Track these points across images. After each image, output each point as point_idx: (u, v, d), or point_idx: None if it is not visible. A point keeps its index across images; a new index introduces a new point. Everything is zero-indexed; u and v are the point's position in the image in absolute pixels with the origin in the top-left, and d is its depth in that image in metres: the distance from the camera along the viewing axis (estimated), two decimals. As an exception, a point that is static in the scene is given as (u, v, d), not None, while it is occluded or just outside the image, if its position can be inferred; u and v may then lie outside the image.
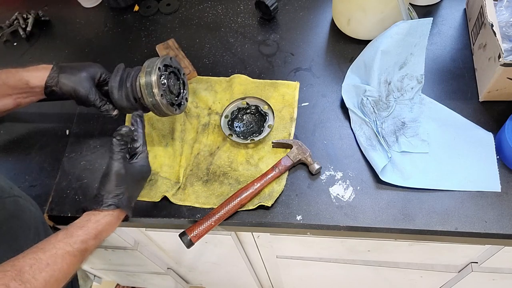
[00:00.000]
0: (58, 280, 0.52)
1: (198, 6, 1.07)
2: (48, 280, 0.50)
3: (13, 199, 0.64)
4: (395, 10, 0.82)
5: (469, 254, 0.87)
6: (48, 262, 0.52)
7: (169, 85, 0.74)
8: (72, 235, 0.57)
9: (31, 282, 0.49)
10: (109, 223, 0.62)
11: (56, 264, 0.52)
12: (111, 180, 0.62)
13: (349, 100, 0.81)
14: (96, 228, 0.60)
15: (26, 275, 0.49)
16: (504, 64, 0.70)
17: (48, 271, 0.51)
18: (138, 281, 1.47)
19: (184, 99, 0.78)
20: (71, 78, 0.72)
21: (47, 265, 0.51)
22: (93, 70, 0.74)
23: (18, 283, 0.47)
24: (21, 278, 0.48)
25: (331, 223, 0.71)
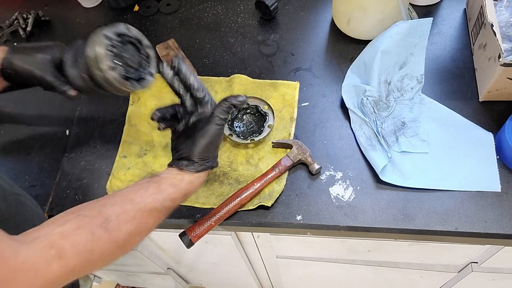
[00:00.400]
0: (141, 233, 0.53)
1: (198, 6, 1.07)
2: (131, 232, 0.51)
3: (14, 197, 0.64)
4: (395, 10, 0.82)
5: (469, 254, 0.87)
6: (135, 215, 0.52)
7: (124, 57, 0.64)
8: (163, 192, 0.56)
9: (115, 231, 0.49)
10: (200, 184, 0.63)
11: (142, 218, 0.53)
12: (211, 144, 0.62)
13: (349, 100, 0.81)
14: (188, 189, 0.60)
15: (112, 224, 0.49)
16: (504, 64, 0.70)
17: (133, 224, 0.51)
18: (138, 281, 1.47)
19: (146, 73, 0.68)
20: (26, 59, 0.66)
21: (133, 218, 0.51)
22: (52, 50, 0.68)
23: (103, 231, 0.48)
24: (107, 226, 0.48)
25: (331, 223, 0.71)
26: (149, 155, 0.82)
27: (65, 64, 0.66)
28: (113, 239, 0.49)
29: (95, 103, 0.91)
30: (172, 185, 0.59)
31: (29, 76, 0.67)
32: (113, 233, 0.49)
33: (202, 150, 0.61)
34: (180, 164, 0.61)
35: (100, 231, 0.47)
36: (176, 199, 0.59)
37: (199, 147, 0.61)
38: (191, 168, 0.61)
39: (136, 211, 0.52)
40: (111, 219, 0.49)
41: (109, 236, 0.48)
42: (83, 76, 0.65)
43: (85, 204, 0.52)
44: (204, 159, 0.62)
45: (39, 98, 0.93)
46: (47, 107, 0.92)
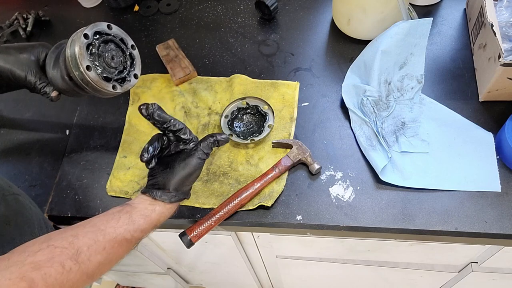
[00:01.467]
0: (111, 263, 0.53)
1: (198, 6, 1.07)
2: (101, 262, 0.51)
3: (13, 197, 0.64)
4: (395, 10, 0.82)
5: (469, 254, 0.87)
6: (106, 246, 0.52)
7: (104, 57, 0.63)
8: (134, 223, 0.57)
9: (85, 263, 0.49)
10: (170, 214, 0.63)
11: (113, 248, 0.53)
12: (190, 176, 0.62)
13: (349, 100, 0.81)
14: (158, 220, 0.60)
15: (83, 256, 0.49)
16: (504, 64, 0.70)
17: (104, 255, 0.52)
18: (138, 281, 1.47)
19: (130, 75, 0.67)
20: (8, 59, 0.65)
21: (104, 249, 0.52)
22: (36, 50, 0.67)
23: (73, 263, 0.48)
24: (77, 258, 0.49)
25: (331, 223, 0.71)
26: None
27: (47, 64, 0.65)
28: (83, 270, 0.49)
29: (95, 103, 0.91)
30: (144, 216, 0.58)
31: (11, 76, 0.66)
32: (83, 265, 0.49)
33: (180, 181, 0.62)
34: (154, 193, 0.61)
35: (71, 263, 0.48)
36: (146, 230, 0.59)
37: (177, 178, 0.61)
38: (164, 198, 0.61)
39: (107, 242, 0.53)
40: (82, 251, 0.50)
41: (80, 268, 0.48)
42: (64, 77, 0.63)
43: (57, 232, 0.52)
44: (179, 191, 0.62)
45: (39, 98, 0.92)
46: (47, 107, 0.92)
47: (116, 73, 0.65)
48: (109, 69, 0.64)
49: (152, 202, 0.61)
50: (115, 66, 0.65)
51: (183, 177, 0.62)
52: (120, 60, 0.66)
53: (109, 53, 0.63)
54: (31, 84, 0.66)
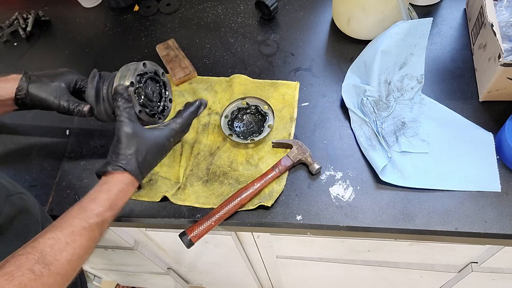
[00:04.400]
0: (81, 257, 0.52)
1: (198, 6, 1.07)
2: (70, 259, 0.50)
3: (17, 195, 0.64)
4: (395, 10, 0.82)
5: (469, 254, 0.87)
6: (67, 241, 0.51)
7: (147, 94, 0.68)
8: (86, 210, 0.56)
9: (54, 264, 0.48)
10: (121, 191, 0.60)
11: (75, 241, 0.52)
12: (118, 141, 0.61)
13: (349, 100, 0.81)
14: (108, 199, 0.58)
15: (48, 257, 0.48)
16: (504, 64, 0.70)
17: (69, 250, 0.51)
18: (138, 281, 1.47)
19: (167, 101, 0.73)
20: (41, 88, 0.69)
21: (67, 244, 0.51)
22: (66, 77, 0.71)
23: (42, 266, 0.47)
24: (44, 260, 0.48)
25: (331, 223, 0.71)
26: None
27: (87, 96, 0.69)
28: (54, 271, 0.48)
29: (95, 103, 0.91)
30: (92, 200, 0.57)
31: (45, 104, 0.70)
32: (52, 266, 0.48)
33: (113, 148, 0.62)
34: (100, 169, 0.61)
35: (40, 267, 0.47)
36: (102, 213, 0.57)
37: (111, 146, 0.62)
38: (103, 169, 0.60)
39: (66, 237, 0.52)
40: (46, 252, 0.49)
41: (50, 270, 0.48)
42: (110, 114, 0.69)
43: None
44: (119, 159, 0.61)
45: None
46: (47, 107, 0.92)
47: (158, 105, 0.71)
48: (152, 104, 0.69)
49: (98, 185, 0.60)
50: (156, 100, 0.71)
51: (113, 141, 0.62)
52: (157, 91, 0.71)
53: (150, 90, 0.69)
54: (64, 109, 0.69)
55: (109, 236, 0.97)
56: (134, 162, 0.61)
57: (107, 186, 0.59)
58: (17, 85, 0.69)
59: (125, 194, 0.61)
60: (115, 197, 0.59)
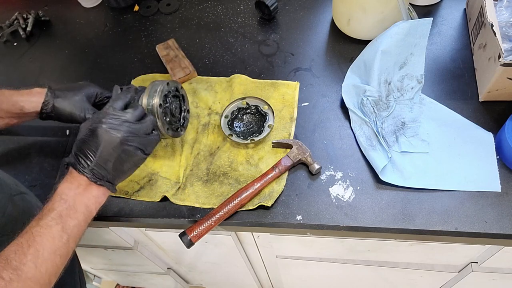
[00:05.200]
0: (47, 260, 0.51)
1: (198, 6, 1.07)
2: (35, 261, 0.49)
3: (20, 196, 0.64)
4: (395, 10, 0.82)
5: (469, 254, 0.87)
6: (29, 244, 0.50)
7: (172, 111, 0.73)
8: (41, 217, 0.55)
9: (21, 268, 0.48)
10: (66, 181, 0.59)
11: (36, 242, 0.51)
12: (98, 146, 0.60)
13: (349, 100, 0.81)
14: (57, 193, 0.57)
15: (14, 262, 0.48)
16: (504, 64, 0.70)
17: (32, 252, 0.50)
18: (138, 281, 1.47)
19: (186, 112, 0.78)
20: (67, 102, 0.72)
21: (29, 247, 0.50)
22: (88, 91, 0.74)
23: (10, 272, 0.47)
24: (10, 265, 0.47)
25: (331, 223, 0.71)
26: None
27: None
28: (23, 276, 0.48)
29: (95, 103, 0.91)
30: (47, 209, 0.56)
31: (69, 117, 0.72)
32: (19, 271, 0.47)
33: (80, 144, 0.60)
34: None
35: (8, 273, 0.46)
36: (52, 206, 0.55)
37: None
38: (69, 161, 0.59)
39: (27, 240, 0.51)
40: (10, 258, 0.48)
41: (19, 275, 0.47)
42: None
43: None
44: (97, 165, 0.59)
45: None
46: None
47: (179, 118, 0.76)
48: (174, 119, 0.74)
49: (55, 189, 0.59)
50: (177, 114, 0.75)
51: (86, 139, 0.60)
52: (178, 105, 0.76)
53: (173, 106, 0.74)
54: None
55: (109, 236, 0.97)
56: (114, 188, 0.62)
57: (62, 189, 0.58)
58: (42, 99, 0.72)
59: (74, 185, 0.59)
60: (63, 188, 0.58)
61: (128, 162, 0.63)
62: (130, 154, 0.62)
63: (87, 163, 0.59)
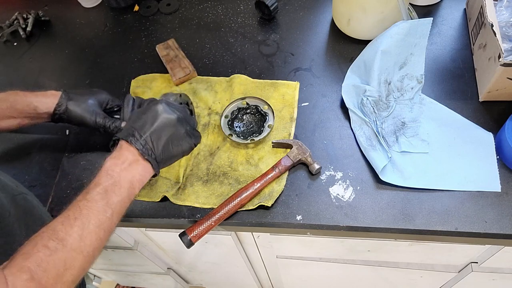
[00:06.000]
0: (91, 232, 0.53)
1: (198, 6, 1.07)
2: (81, 233, 0.51)
3: (22, 196, 0.64)
4: (395, 10, 0.82)
5: (469, 254, 0.87)
6: (76, 216, 0.52)
7: None
8: (88, 191, 0.57)
9: (67, 239, 0.50)
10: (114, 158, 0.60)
11: (82, 215, 0.53)
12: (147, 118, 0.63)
13: (349, 100, 0.81)
14: (103, 168, 0.59)
15: (60, 233, 0.50)
16: (504, 64, 0.70)
17: (78, 225, 0.52)
18: (138, 281, 1.47)
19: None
20: (80, 105, 0.74)
21: (75, 219, 0.52)
22: (100, 97, 0.77)
23: (56, 242, 0.49)
24: (57, 236, 0.50)
25: (331, 223, 0.71)
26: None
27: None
28: (69, 246, 0.50)
29: (95, 103, 0.91)
30: (93, 183, 0.58)
31: (80, 120, 0.74)
32: (65, 241, 0.50)
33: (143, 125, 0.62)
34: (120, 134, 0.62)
35: (54, 243, 0.49)
36: (97, 182, 0.57)
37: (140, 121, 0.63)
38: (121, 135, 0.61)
39: (73, 213, 0.53)
40: (58, 229, 0.51)
41: (64, 245, 0.49)
42: None
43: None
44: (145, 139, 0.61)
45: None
46: (47, 107, 0.92)
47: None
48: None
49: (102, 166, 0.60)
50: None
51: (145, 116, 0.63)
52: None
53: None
54: (100, 126, 0.74)
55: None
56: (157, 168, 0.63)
57: (109, 164, 0.60)
58: (56, 101, 0.73)
59: (121, 161, 0.60)
60: (110, 164, 0.59)
61: (178, 146, 0.64)
62: (181, 137, 0.64)
63: (140, 134, 0.61)
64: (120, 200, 0.57)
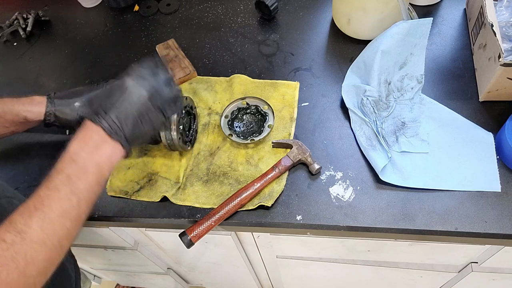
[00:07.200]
0: (54, 222, 0.49)
1: (198, 6, 1.07)
2: (42, 224, 0.48)
3: (7, 200, 0.63)
4: (395, 10, 0.82)
5: (469, 254, 0.87)
6: (36, 206, 0.49)
7: (184, 125, 0.77)
8: (50, 179, 0.52)
9: (25, 231, 0.46)
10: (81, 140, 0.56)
11: (43, 205, 0.49)
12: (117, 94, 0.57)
13: (349, 100, 0.81)
14: (67, 151, 0.54)
15: (19, 225, 0.47)
16: (504, 64, 0.70)
17: (38, 215, 0.48)
18: (138, 281, 1.47)
19: (194, 132, 0.81)
20: (67, 110, 0.72)
21: (36, 210, 0.48)
22: (86, 95, 0.74)
23: (13, 234, 0.46)
24: (15, 228, 0.46)
25: (331, 223, 0.71)
26: (149, 155, 0.82)
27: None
28: (28, 238, 0.46)
29: (95, 103, 0.91)
30: (55, 170, 0.53)
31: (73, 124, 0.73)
32: (24, 233, 0.46)
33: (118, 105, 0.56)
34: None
35: (10, 236, 0.46)
36: (62, 168, 0.53)
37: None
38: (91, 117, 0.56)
39: (33, 201, 0.50)
40: (16, 220, 0.47)
41: (23, 237, 0.46)
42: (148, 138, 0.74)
43: None
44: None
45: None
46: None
47: (187, 134, 0.79)
48: (184, 132, 0.77)
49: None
50: (187, 128, 0.79)
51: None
52: (188, 122, 0.80)
53: (185, 120, 0.77)
54: None
55: (109, 236, 0.97)
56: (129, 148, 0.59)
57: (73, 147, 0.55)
58: (44, 109, 0.72)
59: (84, 142, 0.56)
60: (73, 148, 0.55)
61: (148, 123, 0.59)
62: (152, 112, 0.59)
63: (105, 112, 0.56)
64: (87, 187, 0.53)
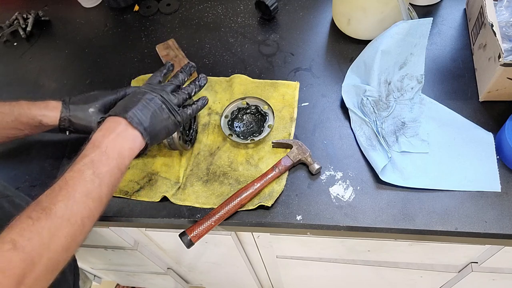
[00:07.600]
0: (78, 201, 0.52)
1: (198, 6, 1.07)
2: (66, 202, 0.51)
3: (7, 199, 0.64)
4: (395, 10, 0.82)
5: (469, 254, 0.87)
6: (61, 187, 0.52)
7: (184, 125, 0.77)
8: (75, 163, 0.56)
9: (50, 208, 0.50)
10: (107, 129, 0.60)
11: (68, 185, 0.52)
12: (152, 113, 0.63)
13: (349, 100, 0.81)
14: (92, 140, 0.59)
15: (44, 203, 0.50)
16: (504, 64, 0.70)
17: (64, 194, 0.52)
18: (138, 281, 1.47)
19: (194, 131, 0.81)
20: (82, 116, 0.74)
21: (60, 190, 0.52)
22: (103, 100, 0.75)
23: (39, 212, 0.49)
24: (41, 206, 0.50)
25: (331, 223, 0.71)
26: (149, 155, 0.82)
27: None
28: (53, 215, 0.50)
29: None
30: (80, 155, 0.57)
31: (87, 130, 0.74)
32: (48, 210, 0.50)
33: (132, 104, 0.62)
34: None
35: (37, 213, 0.49)
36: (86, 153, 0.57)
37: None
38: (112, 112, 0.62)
39: (59, 183, 0.53)
40: (42, 200, 0.51)
41: (47, 214, 0.49)
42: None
43: None
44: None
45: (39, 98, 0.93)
46: (47, 107, 0.92)
47: (187, 134, 0.79)
48: (183, 131, 0.77)
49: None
50: (186, 128, 0.79)
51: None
52: (189, 122, 0.80)
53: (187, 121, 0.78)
54: None
55: (109, 236, 0.97)
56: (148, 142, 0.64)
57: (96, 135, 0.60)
58: (59, 115, 0.73)
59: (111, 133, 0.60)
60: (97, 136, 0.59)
61: (162, 122, 0.65)
62: (165, 113, 0.65)
63: (126, 110, 0.61)
64: (108, 170, 0.56)
